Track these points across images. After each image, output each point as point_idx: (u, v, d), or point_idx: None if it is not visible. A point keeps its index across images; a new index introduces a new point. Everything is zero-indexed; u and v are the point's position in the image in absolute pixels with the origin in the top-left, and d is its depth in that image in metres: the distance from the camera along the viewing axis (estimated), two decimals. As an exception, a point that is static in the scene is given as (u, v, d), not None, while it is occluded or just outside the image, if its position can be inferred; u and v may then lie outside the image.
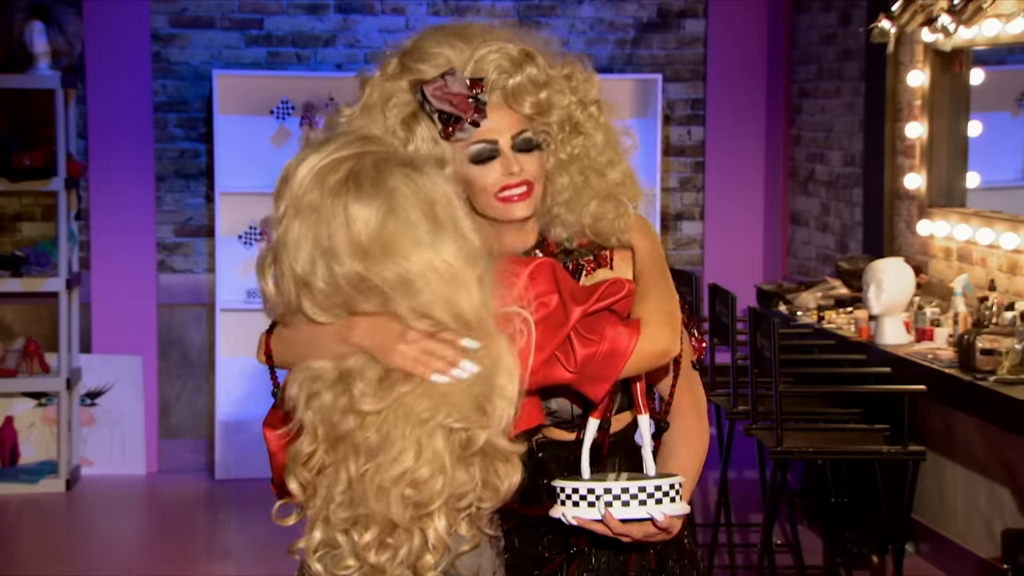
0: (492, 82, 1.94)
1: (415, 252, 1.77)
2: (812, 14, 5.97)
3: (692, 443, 2.03)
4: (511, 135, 1.96)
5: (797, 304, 5.02)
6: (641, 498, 1.86)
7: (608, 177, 2.00)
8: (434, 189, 1.82)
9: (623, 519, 1.86)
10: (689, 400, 2.04)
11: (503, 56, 1.95)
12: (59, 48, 5.57)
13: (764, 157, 6.27)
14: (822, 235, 5.92)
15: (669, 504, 1.87)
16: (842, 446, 3.97)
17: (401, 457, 1.77)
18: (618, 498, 1.86)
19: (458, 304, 1.79)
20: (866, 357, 4.37)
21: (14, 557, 4.85)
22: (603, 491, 1.86)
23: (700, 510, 5.17)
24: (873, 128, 5.34)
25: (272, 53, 6.06)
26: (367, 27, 6.11)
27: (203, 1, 5.99)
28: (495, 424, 1.79)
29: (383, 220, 1.78)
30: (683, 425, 2.03)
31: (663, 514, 1.86)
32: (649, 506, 1.86)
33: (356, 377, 1.80)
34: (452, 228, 1.81)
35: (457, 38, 1.96)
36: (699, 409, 2.05)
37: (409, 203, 1.79)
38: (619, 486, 1.86)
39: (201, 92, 5.97)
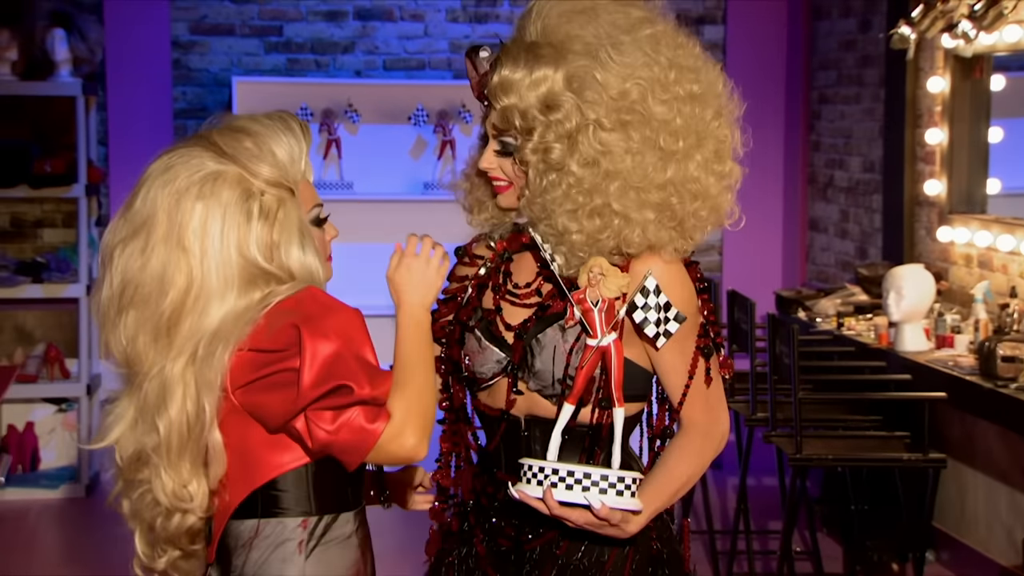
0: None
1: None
2: (832, 20, 5.96)
3: (686, 459, 1.98)
4: (496, 131, 1.96)
5: (816, 311, 5.01)
6: (585, 484, 1.86)
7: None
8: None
9: (561, 501, 1.86)
10: (701, 417, 1.99)
11: (510, 46, 1.94)
12: (80, 55, 5.60)
13: (783, 163, 6.26)
14: (841, 241, 5.90)
15: (613, 496, 1.87)
16: (862, 453, 3.95)
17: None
18: (563, 480, 1.86)
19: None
20: (886, 364, 4.36)
21: (35, 561, 4.87)
22: (551, 471, 1.87)
23: (719, 517, 5.16)
24: (893, 134, 5.32)
25: (291, 60, 6.08)
26: (386, 34, 6.12)
27: (223, 8, 6.02)
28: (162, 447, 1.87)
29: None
30: (685, 440, 2.00)
31: (601, 503, 1.86)
32: (591, 493, 1.86)
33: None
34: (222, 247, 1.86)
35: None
36: (709, 429, 2.00)
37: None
38: (566, 468, 1.87)
39: (221, 99, 6.00)
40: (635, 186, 1.90)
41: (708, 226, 1.97)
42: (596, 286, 1.90)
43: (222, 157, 1.87)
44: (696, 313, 1.99)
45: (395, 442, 1.82)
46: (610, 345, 1.90)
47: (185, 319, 1.85)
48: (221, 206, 1.85)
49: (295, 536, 1.90)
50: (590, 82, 1.88)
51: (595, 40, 1.89)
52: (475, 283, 2.07)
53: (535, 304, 2.00)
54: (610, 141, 1.88)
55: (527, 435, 2.00)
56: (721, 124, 1.95)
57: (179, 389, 1.85)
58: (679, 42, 1.94)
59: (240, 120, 1.93)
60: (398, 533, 5.10)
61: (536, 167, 1.92)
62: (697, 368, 1.98)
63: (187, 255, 1.85)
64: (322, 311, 1.82)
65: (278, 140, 1.90)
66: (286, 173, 1.89)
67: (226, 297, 1.85)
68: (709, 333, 1.99)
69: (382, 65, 6.13)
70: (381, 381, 1.82)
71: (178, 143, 1.94)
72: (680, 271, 1.98)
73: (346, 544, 1.92)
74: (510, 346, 1.99)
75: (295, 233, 1.88)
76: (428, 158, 5.98)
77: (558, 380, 1.95)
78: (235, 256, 1.85)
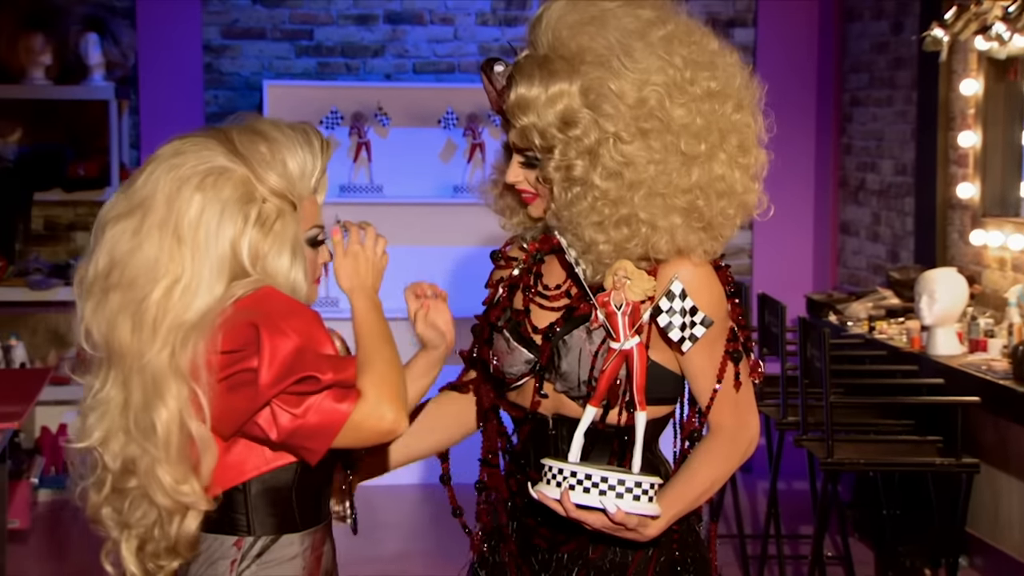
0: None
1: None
2: (863, 22, 5.93)
3: (710, 463, 1.97)
4: (518, 149, 1.96)
5: (847, 314, 4.98)
6: (602, 488, 1.86)
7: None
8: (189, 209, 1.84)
9: (578, 504, 1.86)
10: (729, 421, 1.98)
11: (523, 62, 1.93)
12: (113, 59, 5.65)
13: (814, 166, 6.23)
14: (873, 245, 5.87)
15: (630, 501, 1.86)
16: (894, 458, 3.93)
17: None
18: (580, 483, 1.86)
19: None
20: (918, 368, 4.33)
21: (68, 562, 4.91)
22: (570, 473, 1.87)
23: (749, 521, 5.14)
24: (925, 137, 5.29)
25: (322, 63, 6.10)
26: (416, 37, 6.14)
27: (254, 12, 6.05)
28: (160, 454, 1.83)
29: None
30: (712, 444, 1.99)
31: (616, 507, 1.85)
32: (607, 497, 1.86)
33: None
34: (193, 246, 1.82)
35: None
36: (736, 434, 1.99)
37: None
38: (584, 471, 1.86)
39: (252, 102, 6.03)
40: (660, 193, 1.89)
41: (737, 222, 1.96)
42: (621, 289, 1.89)
43: (234, 155, 1.85)
44: (725, 317, 1.97)
45: (372, 418, 1.79)
46: (633, 349, 1.89)
47: (170, 311, 1.81)
48: (220, 202, 1.82)
49: (229, 555, 1.88)
50: (606, 94, 1.86)
51: (607, 50, 1.87)
52: (507, 283, 2.07)
53: (564, 306, 2.00)
54: (631, 152, 1.87)
55: (554, 434, 2.00)
56: (743, 114, 1.93)
57: (171, 383, 1.80)
58: (692, 39, 1.92)
59: (263, 124, 1.91)
60: (435, 533, 5.11)
61: (559, 183, 1.92)
62: (726, 372, 1.97)
63: (181, 246, 1.81)
64: (280, 309, 1.80)
65: (293, 152, 1.88)
66: (293, 186, 1.87)
67: (214, 290, 1.82)
68: (738, 337, 1.98)
69: (412, 69, 6.15)
70: (345, 366, 1.79)
71: (197, 131, 1.91)
72: (709, 274, 1.96)
73: (286, 566, 1.88)
74: (538, 347, 1.99)
75: (287, 246, 1.85)
76: (457, 161, 5.99)
77: (583, 382, 1.95)
78: (227, 250, 1.82)
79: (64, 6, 5.73)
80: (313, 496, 1.92)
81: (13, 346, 5.64)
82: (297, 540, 1.90)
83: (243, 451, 1.86)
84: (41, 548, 4.99)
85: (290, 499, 1.89)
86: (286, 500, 1.89)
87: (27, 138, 5.78)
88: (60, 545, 5.09)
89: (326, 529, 1.96)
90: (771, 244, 6.23)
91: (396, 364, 1.86)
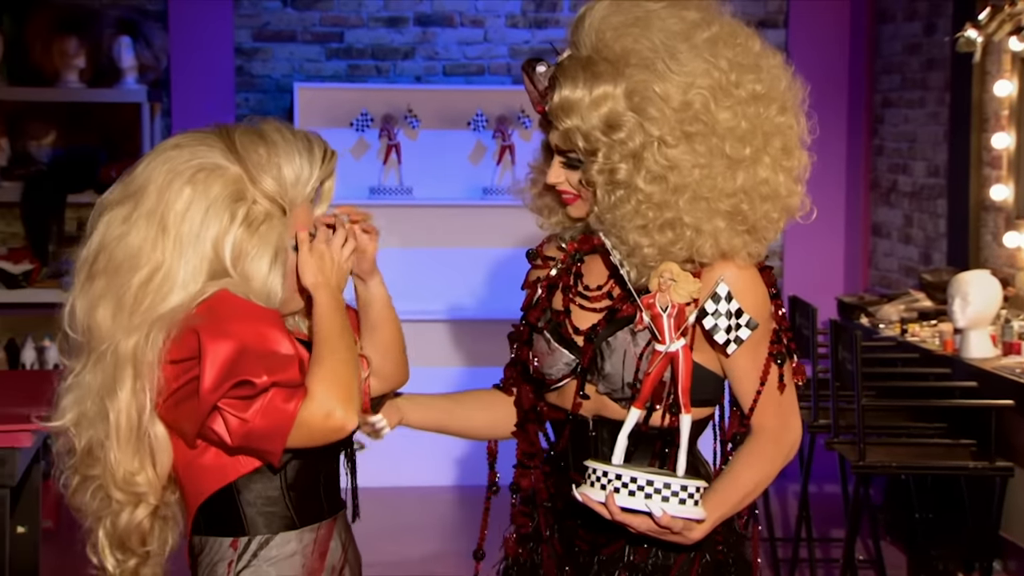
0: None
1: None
2: (896, 23, 5.90)
3: (754, 466, 1.97)
4: (561, 148, 1.96)
5: (879, 317, 4.95)
6: (647, 491, 1.85)
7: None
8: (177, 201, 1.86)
9: (623, 507, 1.86)
10: (772, 423, 1.98)
11: (566, 63, 1.92)
12: (146, 63, 5.68)
13: (845, 167, 6.20)
14: (905, 247, 5.84)
15: (675, 504, 1.86)
16: (927, 461, 3.90)
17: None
18: (626, 486, 1.85)
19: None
20: (951, 371, 4.30)
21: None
22: (615, 476, 1.86)
23: (780, 524, 5.12)
24: (958, 138, 5.25)
25: (352, 66, 6.12)
26: (446, 39, 6.15)
27: (285, 15, 6.08)
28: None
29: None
30: (754, 446, 1.98)
31: (662, 511, 1.84)
32: (653, 501, 1.85)
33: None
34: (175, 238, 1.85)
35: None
36: (779, 436, 1.98)
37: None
38: (629, 474, 1.86)
39: (283, 105, 6.06)
40: (705, 197, 1.88)
41: (781, 225, 1.95)
42: (666, 291, 1.89)
43: (231, 153, 1.87)
44: (769, 319, 1.97)
45: (319, 416, 1.79)
46: (678, 351, 1.89)
47: (147, 299, 1.83)
48: (208, 198, 1.84)
49: (226, 556, 1.89)
50: (651, 97, 1.85)
51: (652, 52, 1.86)
52: (545, 284, 2.06)
53: (606, 307, 1.99)
54: (676, 156, 1.86)
55: (595, 435, 1.99)
56: (787, 117, 1.92)
57: (129, 371, 1.83)
58: (737, 41, 1.90)
59: (269, 127, 1.92)
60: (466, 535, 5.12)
61: (603, 186, 1.91)
62: (769, 374, 1.96)
63: (165, 236, 1.84)
64: (227, 313, 1.81)
65: (291, 158, 1.89)
66: (285, 191, 1.89)
67: (189, 287, 1.83)
68: (782, 339, 1.97)
69: (442, 71, 6.16)
70: (283, 367, 1.79)
71: (203, 128, 1.94)
72: (754, 276, 1.96)
73: (286, 563, 1.89)
74: (579, 348, 1.98)
75: (270, 250, 1.87)
76: (487, 163, 5.99)
77: (628, 384, 1.94)
78: (209, 250, 1.84)
79: (98, 10, 5.77)
80: (311, 492, 1.92)
81: (47, 347, 5.69)
82: (295, 537, 1.91)
83: (220, 453, 1.87)
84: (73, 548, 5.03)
85: (283, 497, 1.90)
86: (279, 498, 1.90)
87: (61, 141, 5.83)
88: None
89: (332, 525, 1.96)
90: (802, 246, 6.21)
91: (349, 361, 1.85)
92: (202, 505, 1.90)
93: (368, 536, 2.02)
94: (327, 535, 1.94)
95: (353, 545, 2.01)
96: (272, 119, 1.95)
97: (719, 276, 1.92)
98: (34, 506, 3.44)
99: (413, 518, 5.23)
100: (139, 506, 1.90)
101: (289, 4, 6.08)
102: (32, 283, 5.63)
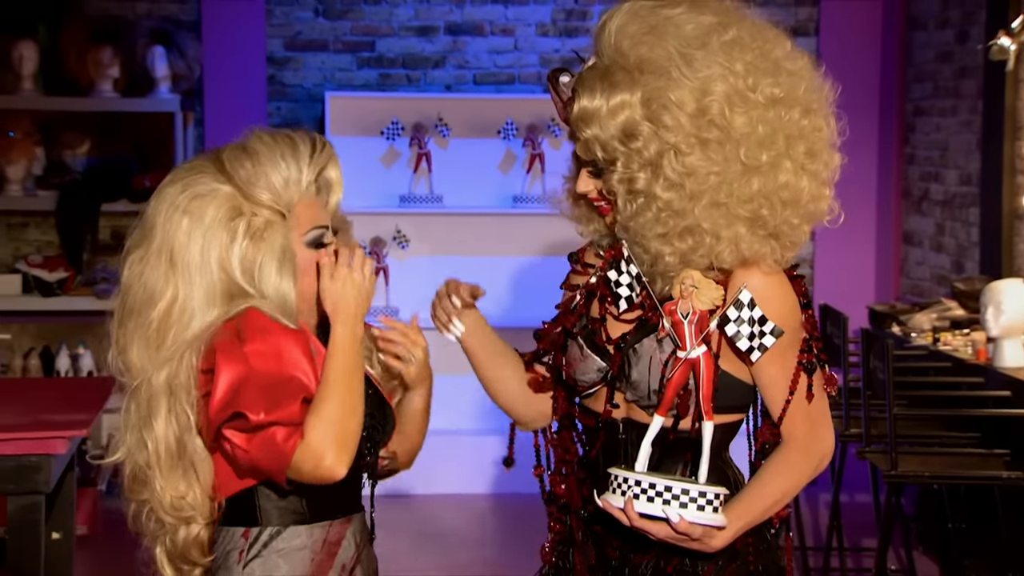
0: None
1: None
2: (928, 31, 5.87)
3: (781, 475, 1.96)
4: (583, 159, 1.97)
5: (911, 325, 4.93)
6: (665, 497, 1.85)
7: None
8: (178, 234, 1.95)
9: (641, 513, 1.86)
10: (801, 433, 1.97)
11: (585, 74, 1.94)
12: (179, 72, 5.73)
13: (876, 176, 6.18)
14: (936, 255, 5.81)
15: (694, 511, 1.86)
16: (960, 471, 3.88)
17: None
18: (644, 492, 1.86)
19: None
20: (984, 380, 4.27)
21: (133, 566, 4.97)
22: (634, 482, 1.87)
23: (811, 534, 5.10)
24: (991, 147, 5.22)
25: (383, 75, 6.15)
26: (476, 48, 6.17)
27: (317, 25, 6.12)
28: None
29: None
30: (783, 455, 1.97)
31: (679, 516, 1.84)
32: (671, 507, 1.85)
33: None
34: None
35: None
36: (809, 446, 1.97)
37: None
38: (648, 480, 1.86)
39: (314, 113, 6.09)
40: (722, 202, 1.88)
41: (805, 229, 1.94)
42: (688, 298, 1.89)
43: (220, 174, 1.94)
44: (799, 328, 1.96)
45: (310, 461, 1.84)
46: (699, 358, 1.89)
47: (170, 331, 1.91)
48: (204, 224, 1.91)
49: (238, 546, 1.96)
50: (666, 104, 1.86)
51: (667, 60, 1.86)
52: (584, 290, 2.07)
53: (636, 317, 1.99)
54: (692, 162, 1.86)
55: (624, 438, 2.00)
56: (811, 119, 1.90)
57: (163, 401, 1.91)
58: (755, 44, 1.89)
59: (253, 138, 1.99)
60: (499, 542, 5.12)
61: (623, 195, 1.92)
62: (798, 383, 1.95)
63: (174, 269, 1.92)
64: (249, 333, 1.87)
65: (275, 164, 1.94)
66: (278, 197, 1.94)
67: (208, 312, 1.91)
68: (812, 348, 1.96)
69: (472, 79, 6.18)
70: (287, 402, 1.84)
71: (196, 156, 2.04)
72: (781, 283, 1.95)
73: (292, 556, 1.94)
74: (611, 356, 1.99)
75: (275, 256, 1.92)
76: (517, 171, 6.01)
77: (653, 391, 1.95)
78: (217, 272, 1.91)
79: (132, 20, 5.83)
80: (327, 491, 1.96)
81: (81, 355, 5.74)
82: (305, 532, 1.95)
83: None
84: (106, 555, 5.07)
85: (298, 492, 1.95)
86: (294, 494, 1.95)
87: (95, 150, 5.88)
88: (125, 552, 5.16)
89: (347, 525, 2.00)
90: (833, 255, 6.18)
91: (351, 405, 1.88)
92: (228, 498, 1.98)
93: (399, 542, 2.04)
94: (339, 533, 1.98)
95: (369, 548, 2.05)
96: (258, 128, 2.02)
97: (743, 283, 1.91)
98: (68, 513, 3.47)
99: (446, 524, 5.24)
100: (191, 525, 1.99)
101: (321, 14, 6.12)
102: (67, 291, 5.69)
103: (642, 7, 1.92)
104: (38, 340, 5.88)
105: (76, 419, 2.99)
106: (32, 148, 5.74)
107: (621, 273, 1.97)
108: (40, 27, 5.75)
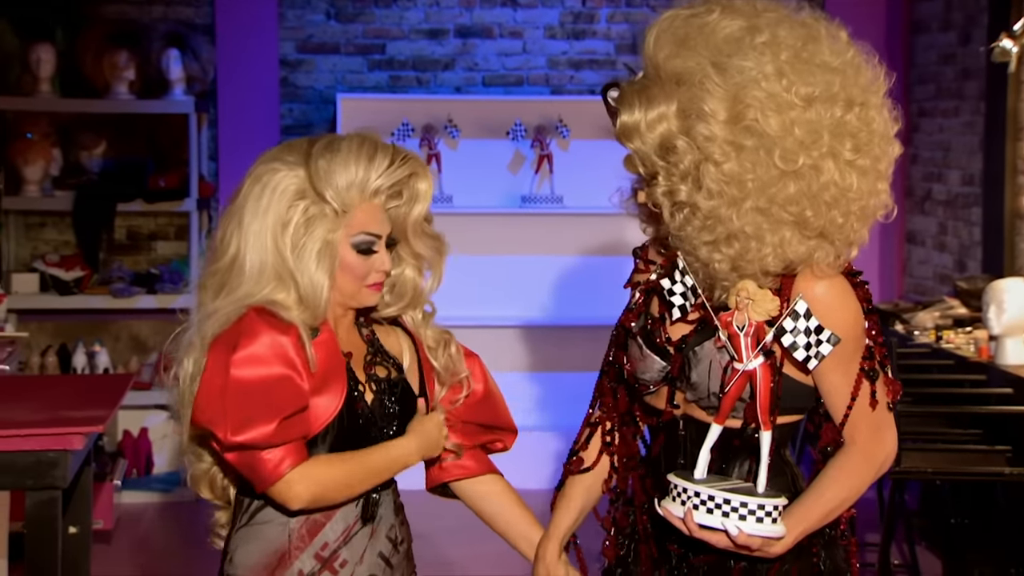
0: None
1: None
2: (931, 33, 5.92)
3: (840, 480, 1.96)
4: (629, 173, 2.01)
5: (914, 324, 4.97)
6: (724, 509, 1.86)
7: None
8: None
9: (701, 524, 1.87)
10: (863, 438, 1.95)
11: (625, 88, 1.94)
12: (193, 74, 5.79)
13: (882, 176, 6.22)
14: (939, 254, 5.85)
15: (753, 523, 1.86)
16: (962, 467, 3.92)
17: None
18: (704, 503, 1.86)
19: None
20: (986, 378, 4.32)
21: (150, 562, 5.04)
22: (693, 493, 1.87)
23: (816, 530, 5.13)
24: (993, 148, 5.27)
25: (394, 77, 6.21)
26: (486, 51, 6.23)
27: (328, 27, 6.19)
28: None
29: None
30: (843, 460, 1.97)
31: (738, 529, 1.85)
32: (730, 520, 1.85)
33: None
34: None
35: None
36: (870, 450, 1.96)
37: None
38: (707, 492, 1.86)
39: (326, 115, 6.16)
40: (762, 208, 1.86)
41: (856, 227, 1.90)
42: (744, 310, 1.87)
43: (305, 159, 2.05)
44: (862, 335, 1.94)
45: (284, 496, 1.99)
46: (756, 370, 1.87)
47: (225, 286, 2.04)
48: (271, 196, 2.02)
49: (236, 512, 2.12)
50: (700, 114, 1.85)
51: (699, 69, 1.86)
52: (644, 288, 2.05)
53: (698, 319, 1.98)
54: (730, 170, 1.85)
55: (684, 435, 2.00)
56: (857, 114, 1.87)
57: (194, 347, 2.05)
58: (788, 45, 1.87)
59: (347, 138, 2.10)
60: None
61: (668, 208, 1.92)
62: (860, 390, 1.94)
63: (240, 229, 2.04)
64: (240, 338, 1.97)
65: (347, 166, 2.04)
66: (337, 195, 2.04)
67: (256, 284, 2.02)
68: (875, 355, 1.95)
69: (481, 81, 6.24)
70: (252, 424, 1.94)
71: (305, 138, 2.14)
72: (843, 291, 1.93)
73: (270, 528, 2.07)
74: (671, 356, 1.98)
75: (318, 245, 2.03)
76: (526, 172, 6.06)
77: (713, 393, 1.95)
78: (270, 244, 2.01)
79: (147, 24, 5.90)
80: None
81: (97, 352, 5.81)
82: (284, 508, 2.05)
83: None
84: (123, 549, 5.13)
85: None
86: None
87: (111, 151, 5.95)
88: (141, 546, 5.23)
89: (333, 512, 2.08)
90: (838, 254, 6.22)
91: (355, 488, 2.05)
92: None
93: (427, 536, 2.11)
94: (324, 517, 2.07)
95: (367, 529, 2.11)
96: (365, 130, 2.13)
97: (803, 292, 1.89)
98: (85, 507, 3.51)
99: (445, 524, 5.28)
100: (200, 461, 2.16)
101: (333, 17, 6.19)
102: (83, 290, 5.75)
103: (677, 16, 1.92)
104: (55, 338, 5.95)
105: (92, 415, 3.02)
106: (49, 149, 5.80)
107: (675, 282, 1.96)
108: (57, 31, 5.82)
